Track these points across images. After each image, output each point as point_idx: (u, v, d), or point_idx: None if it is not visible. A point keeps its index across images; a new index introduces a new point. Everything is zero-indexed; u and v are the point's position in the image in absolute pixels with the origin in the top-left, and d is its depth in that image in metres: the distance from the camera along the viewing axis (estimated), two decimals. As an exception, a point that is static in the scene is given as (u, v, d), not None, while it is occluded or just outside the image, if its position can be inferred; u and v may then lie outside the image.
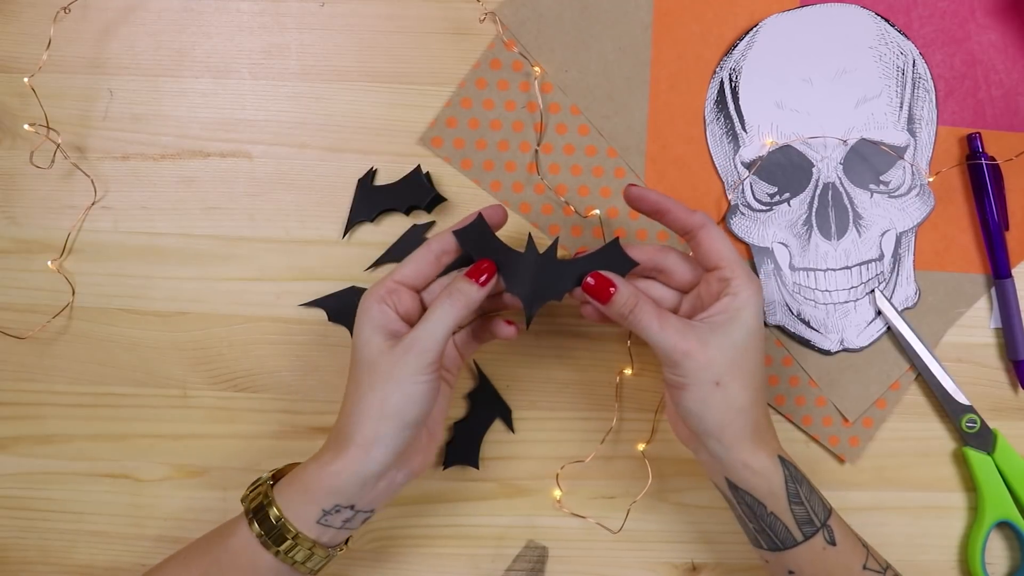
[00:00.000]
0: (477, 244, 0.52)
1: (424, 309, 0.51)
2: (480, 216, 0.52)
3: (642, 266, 0.52)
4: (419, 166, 0.59)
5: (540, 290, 0.51)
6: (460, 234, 0.51)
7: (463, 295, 0.48)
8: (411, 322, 0.49)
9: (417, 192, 0.59)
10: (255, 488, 0.49)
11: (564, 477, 0.60)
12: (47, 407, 0.60)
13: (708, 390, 0.47)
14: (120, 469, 0.60)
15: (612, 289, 0.48)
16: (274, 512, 0.47)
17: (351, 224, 0.59)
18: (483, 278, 0.49)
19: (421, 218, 0.60)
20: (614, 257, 0.51)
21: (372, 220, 0.59)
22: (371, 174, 0.59)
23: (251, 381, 0.60)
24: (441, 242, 0.50)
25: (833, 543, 0.49)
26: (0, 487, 0.60)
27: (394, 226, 0.60)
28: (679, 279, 0.52)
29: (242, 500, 0.49)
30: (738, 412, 0.47)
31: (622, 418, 0.60)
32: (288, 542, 0.47)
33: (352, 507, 0.48)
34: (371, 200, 0.59)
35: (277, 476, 0.50)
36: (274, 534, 0.47)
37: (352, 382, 0.48)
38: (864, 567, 0.49)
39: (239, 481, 0.60)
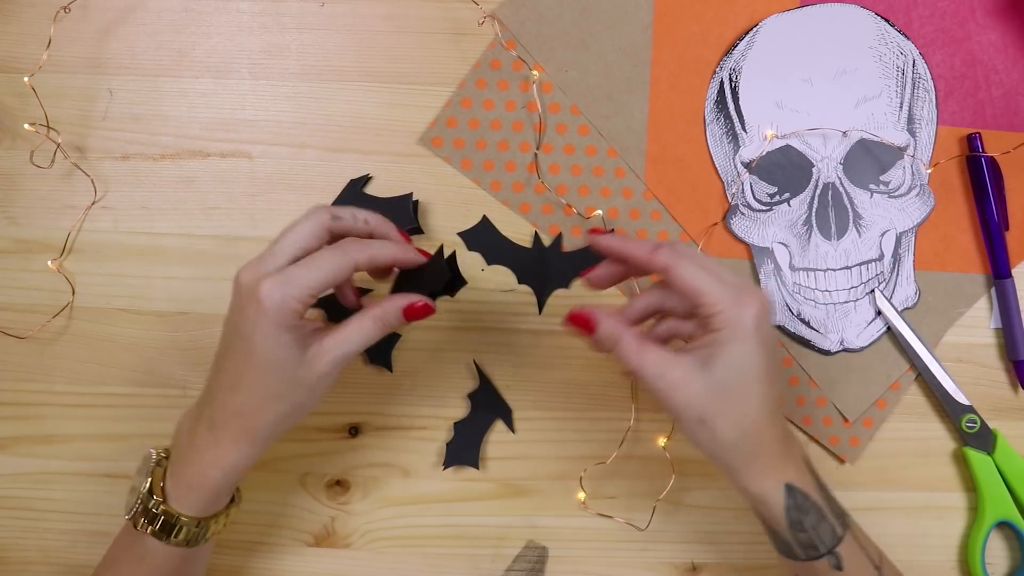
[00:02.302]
0: (484, 243, 0.54)
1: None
2: (485, 217, 0.53)
3: (645, 311, 0.51)
4: (411, 194, 0.59)
5: (550, 280, 0.58)
6: (466, 235, 0.53)
7: (389, 324, 0.47)
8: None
9: (399, 217, 0.58)
10: (142, 501, 0.48)
11: (563, 477, 0.60)
12: (47, 407, 0.60)
13: (693, 426, 0.46)
14: (120, 469, 0.60)
15: (593, 324, 0.48)
16: (170, 512, 0.48)
17: None
18: (417, 318, 0.48)
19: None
20: None
21: None
22: (364, 179, 0.59)
23: (251, 381, 0.60)
24: (368, 257, 0.47)
25: (839, 568, 0.48)
26: (0, 487, 0.60)
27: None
28: (681, 310, 0.50)
29: (129, 511, 0.49)
30: (726, 449, 0.46)
31: (638, 418, 0.60)
32: (188, 530, 0.48)
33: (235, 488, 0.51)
34: (354, 204, 0.58)
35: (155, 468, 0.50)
36: (167, 527, 0.48)
37: (240, 377, 0.46)
38: None
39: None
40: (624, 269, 0.51)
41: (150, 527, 0.48)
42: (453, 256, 0.50)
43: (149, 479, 0.48)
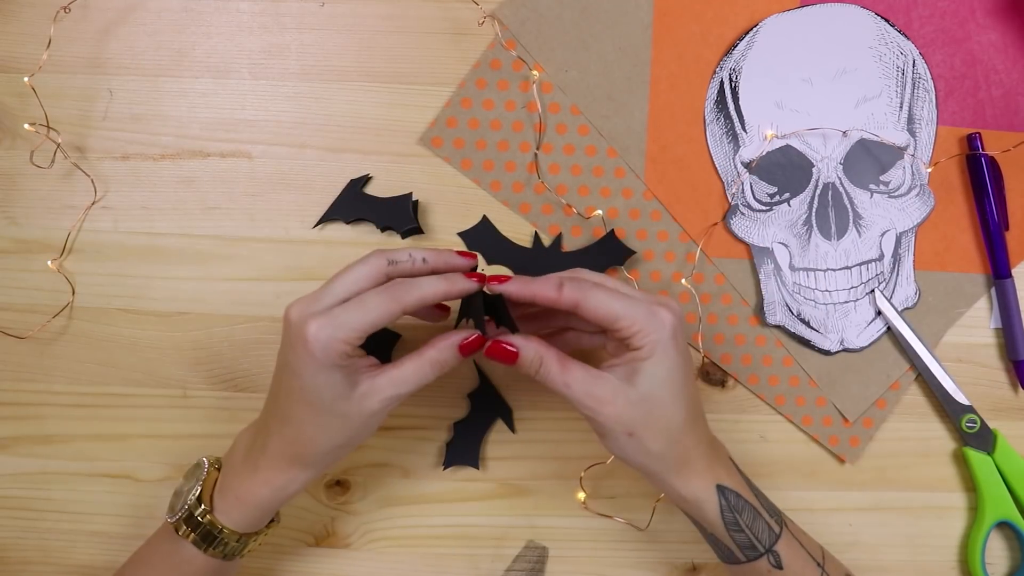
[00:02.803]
0: (484, 243, 0.55)
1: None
2: (485, 217, 0.53)
3: (554, 328, 0.53)
4: (411, 193, 0.59)
5: None
6: (467, 235, 0.53)
7: (443, 364, 0.47)
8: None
9: (399, 217, 0.59)
10: (189, 508, 0.49)
11: (563, 477, 0.60)
12: (47, 407, 0.60)
13: (622, 440, 0.47)
14: (120, 469, 0.60)
15: (514, 351, 0.47)
16: (215, 525, 0.49)
17: (326, 219, 0.59)
18: (471, 353, 0.48)
19: (393, 238, 0.59)
20: (611, 248, 0.57)
21: (348, 223, 0.59)
22: (364, 179, 0.59)
23: (251, 381, 0.60)
24: (417, 300, 0.46)
25: (779, 567, 0.49)
26: (0, 487, 0.60)
27: (368, 234, 0.59)
28: (586, 325, 0.51)
29: (173, 515, 0.49)
30: (656, 458, 0.47)
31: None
32: (232, 544, 0.49)
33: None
34: (354, 204, 0.59)
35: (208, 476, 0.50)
36: (208, 538, 0.49)
37: (297, 407, 0.46)
38: None
39: (239, 481, 0.60)
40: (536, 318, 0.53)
41: (192, 534, 0.48)
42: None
43: (199, 486, 0.49)
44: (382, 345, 0.59)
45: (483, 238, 0.59)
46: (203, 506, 0.49)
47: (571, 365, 0.47)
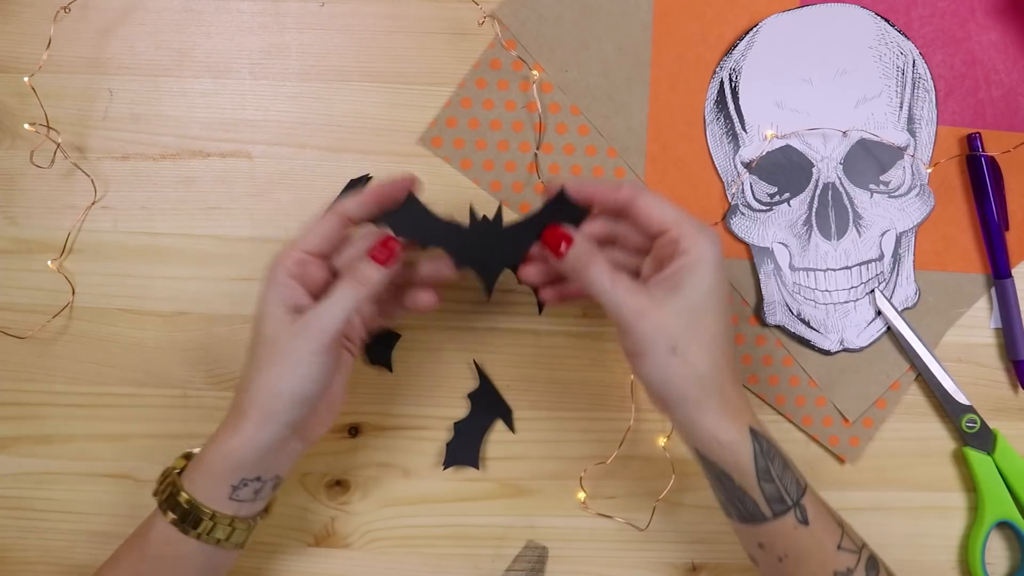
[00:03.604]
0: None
1: (335, 276, 0.50)
2: (411, 194, 0.48)
3: (596, 236, 0.50)
4: (411, 193, 0.58)
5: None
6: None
7: (366, 280, 0.47)
8: (319, 294, 0.48)
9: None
10: (164, 480, 0.50)
11: (563, 477, 0.60)
12: (47, 407, 0.60)
13: (664, 357, 0.45)
14: (120, 469, 0.60)
15: (565, 243, 0.47)
16: (184, 497, 0.48)
17: None
18: (388, 259, 0.48)
19: None
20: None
21: None
22: (364, 179, 0.59)
23: (251, 381, 0.60)
24: (346, 206, 0.49)
25: (805, 522, 0.47)
26: (0, 487, 0.60)
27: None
28: (633, 242, 0.50)
29: (154, 494, 0.50)
30: (699, 380, 0.45)
31: (638, 418, 0.60)
32: (205, 522, 0.48)
33: (258, 478, 0.49)
34: None
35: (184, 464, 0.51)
36: (190, 519, 0.48)
37: (251, 355, 0.48)
38: (839, 547, 0.47)
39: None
40: (553, 273, 0.51)
41: (171, 513, 0.48)
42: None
43: (177, 465, 0.50)
44: (382, 345, 0.59)
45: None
46: (175, 478, 0.49)
47: (619, 273, 0.46)
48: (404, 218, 0.49)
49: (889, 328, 0.60)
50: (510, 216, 0.53)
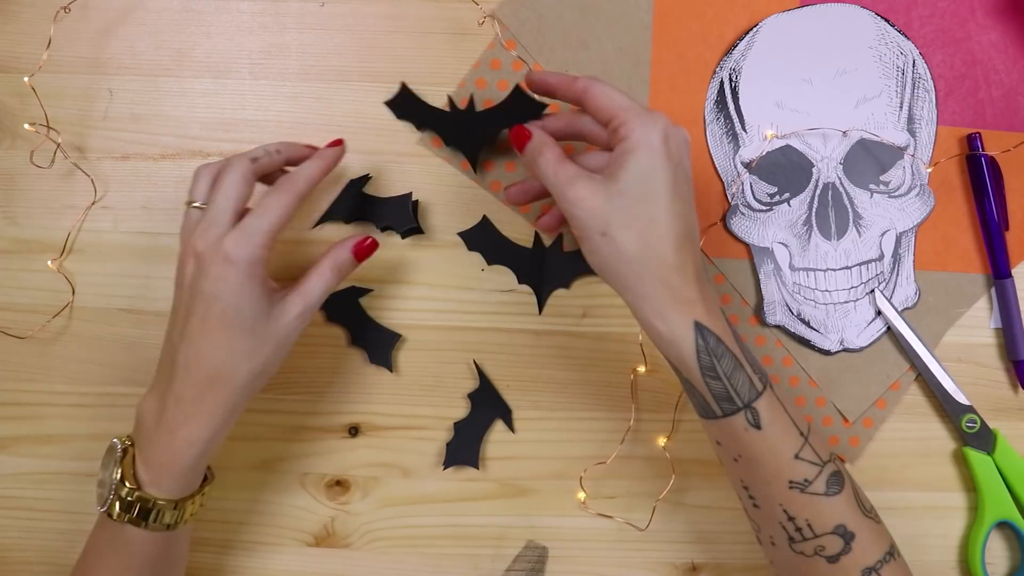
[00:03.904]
0: (484, 243, 0.58)
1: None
2: (485, 217, 0.58)
3: (568, 131, 0.52)
4: (411, 193, 0.59)
5: (549, 280, 0.59)
6: (467, 235, 0.58)
7: (344, 264, 0.51)
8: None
9: (399, 217, 0.58)
10: (115, 491, 0.48)
11: (564, 477, 0.60)
12: (47, 407, 0.60)
13: (597, 240, 0.45)
14: (120, 469, 0.60)
15: (527, 134, 0.50)
16: (146, 500, 0.48)
17: (326, 219, 0.59)
18: (365, 258, 0.52)
19: (392, 238, 0.59)
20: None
21: (348, 222, 0.59)
22: (364, 179, 0.59)
23: (251, 381, 0.60)
24: (307, 183, 0.50)
25: (757, 426, 0.45)
26: (0, 487, 0.60)
27: (368, 232, 0.59)
28: (599, 138, 0.51)
29: (103, 504, 0.48)
30: (628, 263, 0.45)
31: (638, 418, 0.60)
32: (158, 514, 0.48)
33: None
34: (353, 203, 0.59)
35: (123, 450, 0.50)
36: (144, 513, 0.48)
37: (218, 331, 0.47)
38: (796, 456, 0.46)
39: (238, 481, 0.60)
40: (539, 187, 0.54)
41: (127, 516, 0.48)
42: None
43: (119, 469, 0.48)
44: (382, 345, 0.59)
45: (483, 238, 0.59)
46: (128, 486, 0.48)
47: (566, 161, 0.48)
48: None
49: (889, 328, 0.60)
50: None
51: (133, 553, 0.49)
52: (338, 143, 0.54)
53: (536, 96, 0.54)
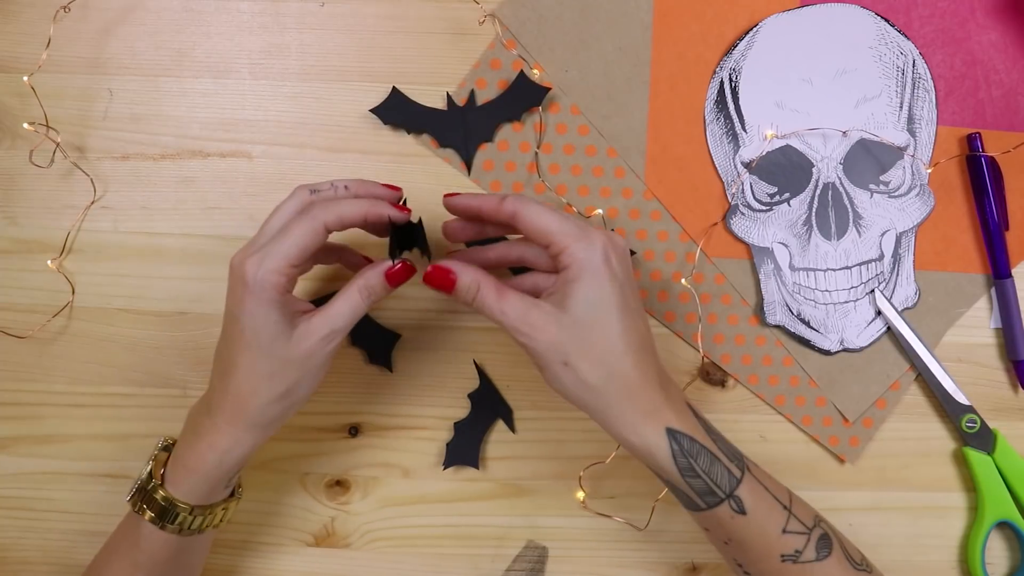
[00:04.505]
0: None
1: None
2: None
3: (505, 260, 0.52)
4: (420, 220, 0.53)
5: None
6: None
7: (375, 289, 0.48)
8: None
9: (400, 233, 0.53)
10: (146, 490, 0.49)
11: (563, 477, 0.60)
12: (47, 407, 0.60)
13: (558, 370, 0.45)
14: (120, 469, 0.60)
15: (452, 277, 0.47)
16: (167, 499, 0.48)
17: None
18: (399, 283, 0.48)
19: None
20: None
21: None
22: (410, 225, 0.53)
23: (251, 381, 0.60)
24: (327, 216, 0.46)
25: (742, 512, 0.47)
26: (0, 487, 0.60)
27: (367, 235, 0.58)
28: (542, 263, 0.50)
29: (132, 503, 0.50)
30: (594, 392, 0.45)
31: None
32: (175, 515, 0.48)
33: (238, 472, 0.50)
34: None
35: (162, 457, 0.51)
36: (163, 513, 0.48)
37: (238, 353, 0.46)
38: (784, 531, 0.47)
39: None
40: (479, 226, 0.52)
41: (148, 511, 0.48)
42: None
43: (152, 463, 0.50)
44: (382, 345, 0.59)
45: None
46: (153, 480, 0.49)
47: (508, 293, 0.46)
48: (391, 109, 0.57)
49: (889, 328, 0.60)
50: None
51: (145, 551, 0.49)
52: (395, 189, 0.51)
53: (532, 97, 0.54)
